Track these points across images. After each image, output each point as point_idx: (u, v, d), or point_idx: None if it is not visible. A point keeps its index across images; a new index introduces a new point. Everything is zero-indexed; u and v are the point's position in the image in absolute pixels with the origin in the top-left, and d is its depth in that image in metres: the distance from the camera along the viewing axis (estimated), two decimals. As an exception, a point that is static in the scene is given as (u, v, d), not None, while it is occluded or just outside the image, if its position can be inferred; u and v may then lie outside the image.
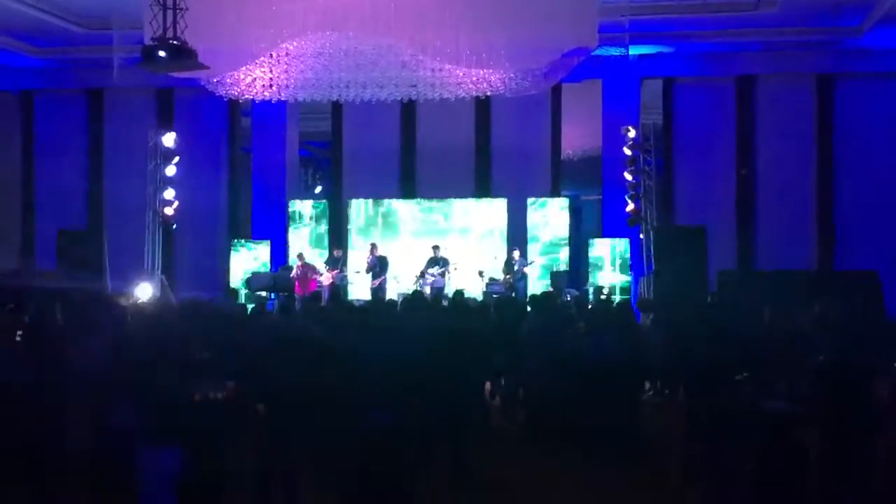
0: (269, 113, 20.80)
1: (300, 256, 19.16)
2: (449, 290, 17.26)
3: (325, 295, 16.90)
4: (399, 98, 17.89)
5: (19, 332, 9.67)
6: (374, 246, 19.04)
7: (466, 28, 14.85)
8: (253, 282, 18.72)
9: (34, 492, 7.58)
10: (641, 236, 19.22)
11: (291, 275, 18.64)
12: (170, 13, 11.54)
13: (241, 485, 7.51)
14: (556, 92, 20.32)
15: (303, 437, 7.37)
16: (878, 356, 7.54)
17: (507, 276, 18.39)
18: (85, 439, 7.37)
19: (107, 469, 7.18)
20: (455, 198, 20.52)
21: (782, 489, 6.44)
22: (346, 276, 19.17)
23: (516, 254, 18.72)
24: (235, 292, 16.76)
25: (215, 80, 16.45)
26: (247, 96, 17.63)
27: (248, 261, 20.16)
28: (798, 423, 6.73)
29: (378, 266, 18.73)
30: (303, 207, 20.91)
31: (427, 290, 17.52)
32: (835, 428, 6.84)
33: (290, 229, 20.67)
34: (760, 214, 20.24)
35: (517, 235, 19.88)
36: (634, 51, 17.79)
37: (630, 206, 19.06)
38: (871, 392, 7.02)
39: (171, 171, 19.84)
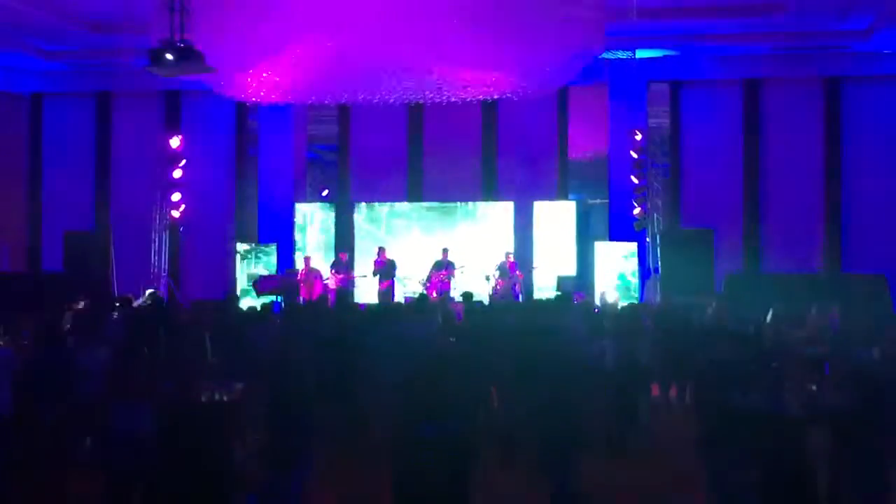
0: (277, 116, 20.80)
1: (307, 260, 19.12)
2: (454, 294, 17.23)
3: (331, 298, 16.89)
4: (406, 101, 17.89)
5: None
6: (381, 249, 18.96)
7: (473, 31, 14.84)
8: (259, 284, 18.70)
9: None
10: (648, 239, 19.21)
11: (297, 278, 18.61)
12: (177, 16, 11.56)
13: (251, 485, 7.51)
14: (563, 95, 20.31)
15: (312, 438, 7.36)
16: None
17: (502, 282, 18.15)
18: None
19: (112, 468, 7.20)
20: (462, 201, 20.52)
21: (792, 493, 6.42)
22: (353, 280, 19.16)
23: (510, 257, 18.60)
24: (237, 297, 16.70)
25: (222, 83, 16.48)
26: (254, 99, 17.65)
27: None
28: (810, 426, 6.70)
29: (386, 269, 18.65)
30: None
31: (433, 293, 17.48)
32: (853, 433, 6.81)
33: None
34: (768, 217, 20.19)
35: (524, 238, 19.86)
36: (641, 54, 17.80)
37: (637, 210, 19.04)
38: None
39: (177, 173, 19.87)
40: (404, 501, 5.51)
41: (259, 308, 12.73)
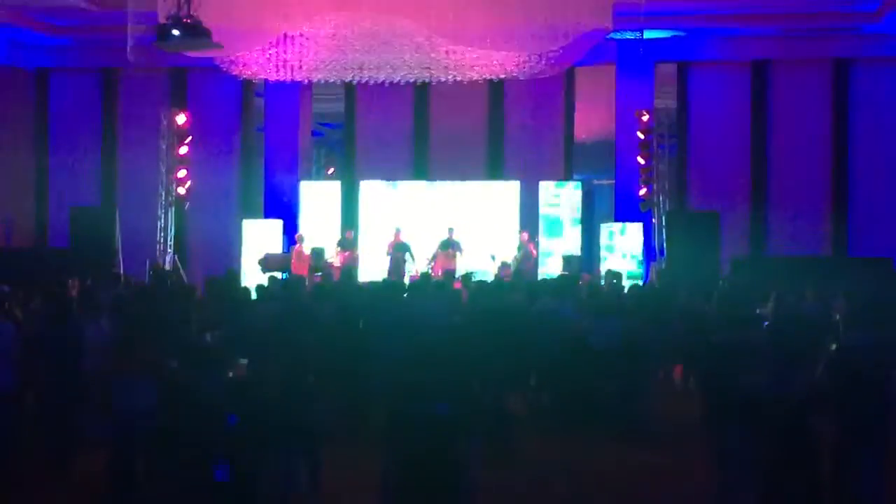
0: (283, 93, 20.78)
1: (299, 238, 19.01)
2: (459, 273, 17.24)
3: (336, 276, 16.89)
4: (412, 80, 17.87)
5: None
6: (397, 231, 18.86)
7: (481, 10, 14.82)
8: (267, 262, 18.70)
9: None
10: (654, 221, 19.18)
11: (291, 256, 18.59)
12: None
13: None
14: (570, 75, 20.23)
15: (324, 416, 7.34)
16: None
17: (511, 260, 18.18)
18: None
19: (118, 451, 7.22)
20: (467, 180, 20.48)
21: (796, 476, 6.42)
22: (357, 258, 19.15)
23: (524, 236, 18.64)
24: (238, 273, 16.59)
25: (229, 60, 16.46)
26: (260, 76, 17.63)
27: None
28: (813, 410, 6.69)
29: (399, 250, 18.54)
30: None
31: (438, 272, 17.49)
32: (848, 416, 6.82)
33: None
34: (774, 200, 20.14)
35: (529, 218, 19.84)
36: (649, 34, 17.69)
37: (643, 191, 19.01)
38: (885, 381, 6.99)
39: (183, 150, 19.87)
40: (394, 485, 5.45)
41: (264, 285, 12.74)
